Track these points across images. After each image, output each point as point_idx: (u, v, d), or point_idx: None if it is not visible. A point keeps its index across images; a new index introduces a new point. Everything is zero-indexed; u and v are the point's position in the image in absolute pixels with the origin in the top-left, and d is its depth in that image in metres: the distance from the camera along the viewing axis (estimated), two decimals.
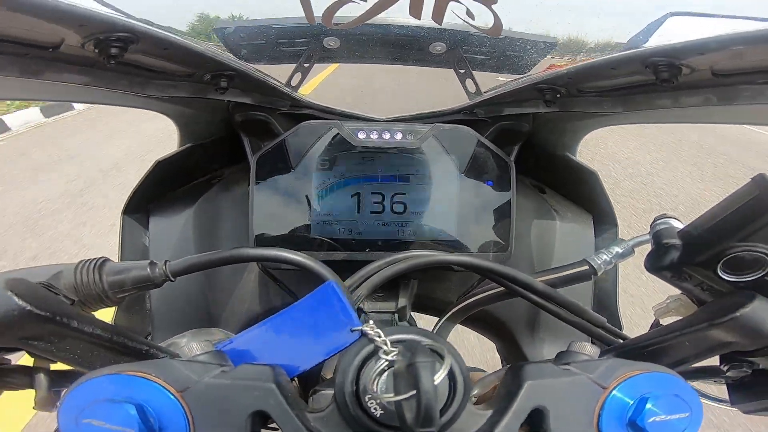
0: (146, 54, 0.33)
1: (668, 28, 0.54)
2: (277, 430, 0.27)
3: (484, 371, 0.48)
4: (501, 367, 0.56)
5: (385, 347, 0.26)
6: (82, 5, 0.27)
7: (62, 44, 0.29)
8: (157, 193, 0.50)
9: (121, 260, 0.48)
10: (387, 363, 0.25)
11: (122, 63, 0.32)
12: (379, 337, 0.27)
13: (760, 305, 0.27)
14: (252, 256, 0.35)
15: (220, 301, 0.51)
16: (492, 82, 0.52)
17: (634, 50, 0.32)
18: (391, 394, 0.23)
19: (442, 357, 0.25)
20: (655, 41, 0.52)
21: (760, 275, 0.28)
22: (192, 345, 0.30)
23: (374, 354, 0.26)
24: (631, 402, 0.26)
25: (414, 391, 0.21)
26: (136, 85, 0.36)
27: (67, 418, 0.23)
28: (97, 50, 0.29)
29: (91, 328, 0.25)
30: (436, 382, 0.22)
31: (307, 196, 0.45)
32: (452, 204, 0.46)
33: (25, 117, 3.95)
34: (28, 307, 0.23)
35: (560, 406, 0.26)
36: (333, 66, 0.54)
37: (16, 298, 0.23)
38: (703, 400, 0.37)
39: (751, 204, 0.27)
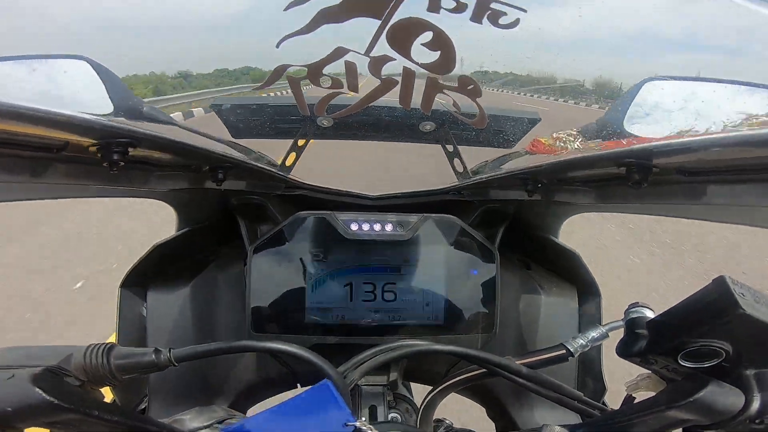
0: (146, 151, 0.34)
1: (645, 96, 0.57)
2: None
3: None
4: (494, 430, 0.57)
5: None
6: (83, 115, 0.28)
7: (66, 148, 0.30)
8: (154, 270, 0.51)
9: (118, 334, 0.49)
10: None
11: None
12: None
13: (713, 389, 0.31)
14: (253, 347, 0.37)
15: (216, 372, 0.51)
16: (481, 153, 0.54)
17: (608, 151, 0.34)
18: None
19: None
20: (633, 114, 0.55)
21: (715, 363, 0.32)
22: (198, 424, 0.31)
23: None
24: None
25: None
26: (137, 180, 0.38)
27: None
28: (99, 155, 0.30)
29: (109, 416, 0.28)
30: None
31: (301, 285, 0.47)
32: (440, 290, 0.48)
33: None
34: (56, 402, 0.25)
35: None
36: None
37: (44, 395, 0.25)
38: None
39: (710, 305, 0.30)
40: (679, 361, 0.32)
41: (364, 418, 0.30)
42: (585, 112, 0.44)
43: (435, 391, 0.44)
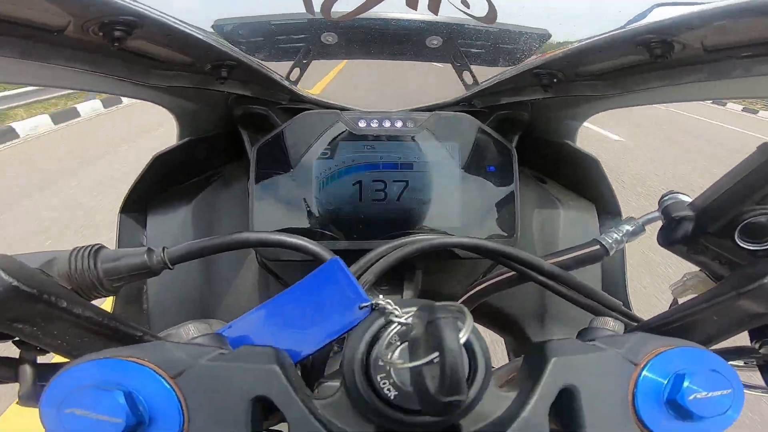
0: (149, 41, 0.33)
1: (654, 17, 0.56)
2: (279, 423, 0.25)
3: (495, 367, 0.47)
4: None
5: (397, 312, 0.24)
6: None
7: (67, 28, 0.29)
8: (155, 189, 0.49)
9: None
10: (401, 332, 0.23)
11: (125, 50, 0.32)
12: (390, 305, 0.25)
13: None
14: (253, 240, 0.34)
15: (218, 296, 0.49)
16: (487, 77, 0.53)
17: (626, 29, 0.33)
18: (409, 363, 0.20)
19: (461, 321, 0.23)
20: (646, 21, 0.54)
21: None
22: (189, 329, 0.28)
23: (386, 327, 0.24)
24: (666, 380, 0.24)
25: (436, 353, 0.19)
26: (138, 73, 0.36)
27: (49, 407, 0.21)
28: (101, 33, 0.29)
29: (80, 310, 0.24)
30: (461, 341, 0.19)
31: (308, 187, 0.44)
32: (455, 191, 0.45)
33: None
34: (15, 283, 0.21)
35: (591, 385, 0.24)
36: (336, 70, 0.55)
37: (3, 274, 0.21)
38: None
39: (761, 169, 0.27)
40: (737, 241, 0.28)
41: (381, 296, 0.26)
42: None
43: (458, 302, 0.42)
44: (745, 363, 0.33)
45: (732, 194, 0.28)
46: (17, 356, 0.26)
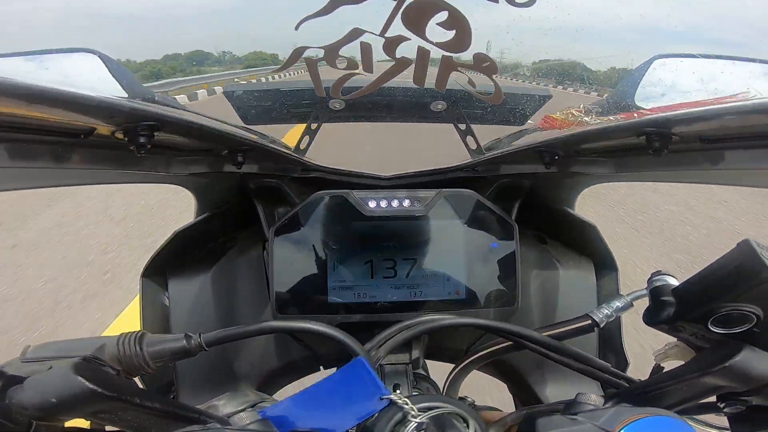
0: (169, 135, 0.34)
1: (654, 73, 0.57)
2: None
3: (500, 410, 0.51)
4: (514, 406, 0.59)
5: (413, 412, 0.29)
6: (111, 99, 0.29)
7: (93, 132, 0.31)
8: (174, 258, 0.52)
9: (142, 322, 0.50)
10: (416, 426, 0.28)
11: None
12: (407, 405, 0.29)
13: (747, 354, 0.30)
14: (282, 328, 0.37)
15: (241, 358, 0.52)
16: (492, 132, 0.54)
17: (628, 121, 0.35)
18: None
19: (466, 421, 0.28)
20: (643, 89, 0.55)
21: (747, 328, 0.31)
22: (231, 409, 0.33)
23: (403, 420, 0.29)
24: None
25: None
26: (160, 165, 0.38)
27: None
28: (126, 139, 0.31)
29: (149, 403, 0.28)
30: None
31: (322, 264, 0.47)
32: (460, 264, 0.48)
33: None
34: (98, 390, 0.25)
35: None
36: None
37: (86, 382, 0.25)
38: (707, 429, 0.40)
39: (737, 270, 0.30)
40: (710, 327, 0.32)
41: (398, 391, 0.31)
42: (590, 98, 0.43)
43: (459, 367, 0.45)
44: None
45: (709, 289, 0.31)
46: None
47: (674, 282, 0.37)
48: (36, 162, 0.31)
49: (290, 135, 0.49)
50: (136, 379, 0.48)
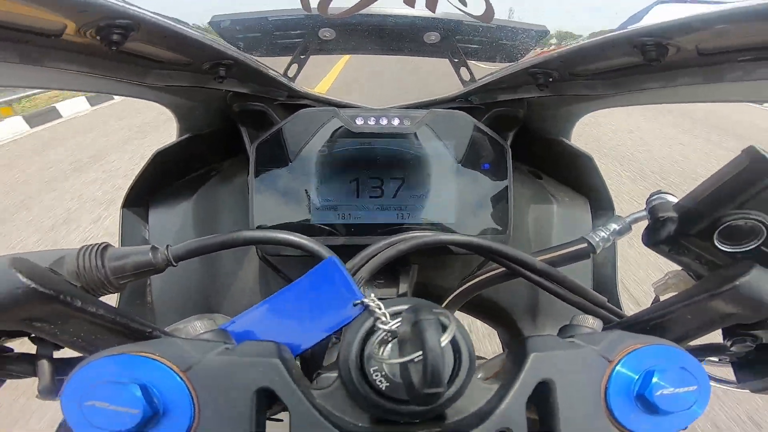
0: (146, 42, 0.33)
1: (655, 14, 0.55)
2: (280, 413, 0.27)
3: (486, 358, 0.49)
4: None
5: (384, 318, 0.26)
6: None
7: (64, 32, 0.29)
8: (156, 185, 0.50)
9: None
10: (390, 333, 0.25)
11: (122, 51, 0.32)
12: (380, 309, 0.27)
13: (758, 274, 0.27)
14: (253, 238, 0.35)
15: (220, 291, 0.51)
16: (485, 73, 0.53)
17: (622, 31, 0.33)
18: (397, 359, 0.23)
19: (445, 326, 0.25)
20: (644, 22, 0.54)
21: (756, 244, 0.29)
22: (195, 325, 0.30)
23: (374, 327, 0.26)
24: (637, 376, 0.26)
25: (420, 352, 0.21)
26: (136, 74, 0.37)
27: (71, 401, 0.23)
28: (98, 37, 0.29)
29: (94, 309, 0.25)
30: (442, 343, 0.21)
31: (306, 183, 0.45)
32: (450, 188, 0.46)
33: None
34: (33, 285, 0.22)
35: (566, 379, 0.25)
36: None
37: (21, 276, 0.22)
38: (712, 384, 0.37)
39: (743, 174, 0.27)
40: (716, 243, 0.29)
41: (372, 295, 0.28)
42: None
43: (448, 300, 0.43)
44: (719, 360, 0.35)
45: (713, 198, 0.29)
46: (34, 352, 0.28)
47: (675, 200, 0.34)
48: (5, 59, 0.29)
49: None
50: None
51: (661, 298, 0.40)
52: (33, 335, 0.27)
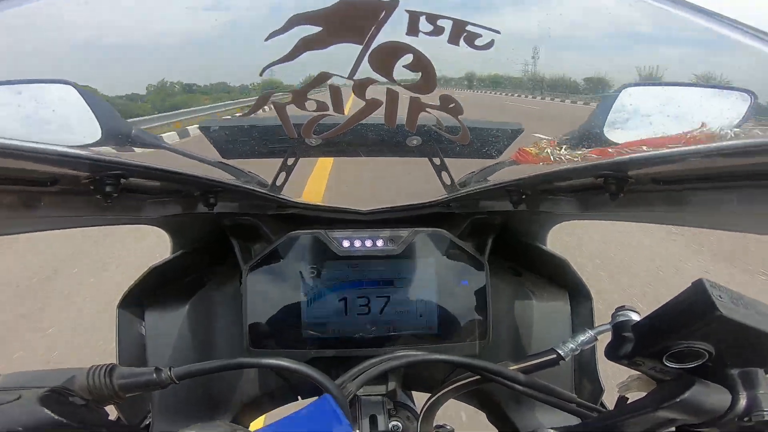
0: (138, 183, 0.35)
1: (624, 102, 0.58)
2: None
3: None
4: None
5: None
6: (73, 151, 0.29)
7: (57, 183, 0.31)
8: (150, 291, 0.52)
9: (118, 354, 0.50)
10: None
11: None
12: None
13: (699, 389, 0.32)
14: (250, 364, 0.38)
15: (218, 388, 0.52)
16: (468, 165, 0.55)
17: (585, 164, 0.36)
18: None
19: None
20: (612, 120, 0.56)
21: (699, 363, 0.33)
22: None
23: None
24: None
25: None
26: (130, 209, 0.38)
27: None
28: (92, 188, 0.31)
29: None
30: None
31: (297, 302, 0.47)
32: (432, 300, 0.49)
33: None
34: (63, 420, 0.26)
35: None
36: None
37: (51, 414, 0.26)
38: None
39: (690, 308, 0.31)
40: (665, 363, 0.34)
41: (359, 430, 0.31)
42: (571, 109, 0.45)
43: (433, 398, 0.45)
44: None
45: (665, 327, 0.33)
46: None
47: (636, 317, 0.39)
48: (2, 210, 0.31)
49: None
50: (113, 408, 0.47)
51: (626, 395, 0.44)
52: None
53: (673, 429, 0.37)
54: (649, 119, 0.52)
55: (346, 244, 0.47)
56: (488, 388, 0.55)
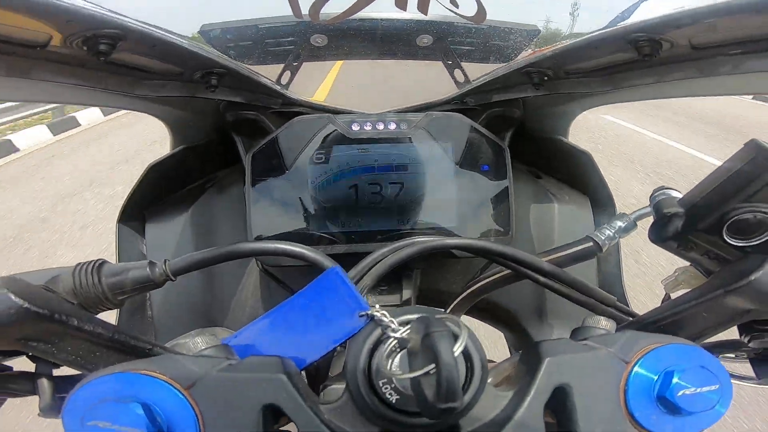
0: (135, 52, 0.32)
1: (644, 10, 0.56)
2: (288, 424, 0.25)
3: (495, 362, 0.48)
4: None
5: (392, 326, 0.25)
6: (67, 2, 0.27)
7: (49, 42, 0.28)
8: (151, 198, 0.49)
9: None
10: (398, 343, 0.24)
11: (111, 62, 0.31)
12: (386, 317, 0.26)
13: None
14: (252, 250, 0.34)
15: (221, 304, 0.50)
16: (479, 74, 0.53)
17: (615, 28, 0.33)
18: (408, 373, 0.22)
19: (455, 334, 0.23)
20: (635, 18, 0.54)
21: (766, 238, 0.28)
22: (197, 340, 0.29)
23: (383, 337, 0.25)
24: (656, 376, 0.25)
25: (433, 365, 0.20)
26: (126, 84, 0.36)
27: (72, 420, 0.22)
28: (85, 47, 0.29)
29: (91, 327, 0.24)
30: (455, 353, 0.20)
31: (303, 192, 0.44)
32: (450, 191, 0.45)
33: None
34: (26, 305, 0.22)
35: (583, 383, 0.25)
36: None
37: (13, 297, 0.22)
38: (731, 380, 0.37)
39: (748, 167, 0.27)
40: (725, 238, 0.29)
41: (377, 305, 0.27)
42: None
43: (453, 304, 0.43)
44: (736, 356, 0.34)
45: (719, 192, 0.29)
46: (33, 370, 0.27)
47: (679, 195, 0.34)
48: None
49: None
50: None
51: (672, 296, 0.39)
52: (30, 354, 0.26)
53: (736, 333, 0.31)
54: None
55: (356, 127, 0.44)
56: (507, 302, 0.53)
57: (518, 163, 0.54)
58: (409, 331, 0.24)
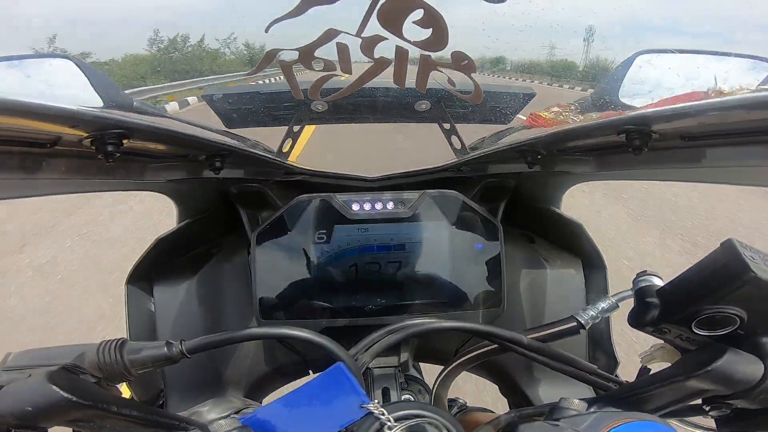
0: (141, 142, 0.34)
1: (638, 69, 0.56)
2: None
3: (491, 411, 0.50)
4: (507, 407, 0.58)
5: (389, 423, 0.28)
6: (74, 107, 0.28)
7: (57, 143, 0.30)
8: (159, 264, 0.51)
9: (128, 330, 0.50)
10: None
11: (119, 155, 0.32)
12: (384, 414, 0.29)
13: (730, 358, 0.30)
14: (263, 335, 0.37)
15: (230, 364, 0.51)
16: (478, 131, 0.54)
17: (608, 119, 0.34)
18: None
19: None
20: (627, 85, 0.54)
21: (730, 330, 0.30)
22: (215, 415, 0.32)
23: (380, 430, 0.29)
24: None
25: None
26: (134, 172, 0.37)
27: None
28: (93, 148, 0.30)
29: (128, 411, 0.28)
30: None
31: (307, 269, 0.46)
32: (445, 266, 0.47)
33: None
34: (73, 399, 0.25)
35: None
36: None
37: (60, 392, 0.25)
38: (694, 430, 0.40)
39: (721, 271, 0.29)
40: (693, 330, 0.31)
41: (377, 401, 0.30)
42: (575, 95, 0.43)
43: (446, 370, 0.44)
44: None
45: (693, 291, 0.31)
46: None
47: (659, 282, 0.36)
48: (3, 173, 0.30)
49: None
50: (125, 386, 0.48)
51: (649, 366, 0.41)
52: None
53: (699, 401, 0.34)
54: (665, 84, 0.50)
55: (355, 207, 0.46)
56: (502, 360, 0.54)
57: (511, 227, 0.55)
58: (403, 428, 0.27)
